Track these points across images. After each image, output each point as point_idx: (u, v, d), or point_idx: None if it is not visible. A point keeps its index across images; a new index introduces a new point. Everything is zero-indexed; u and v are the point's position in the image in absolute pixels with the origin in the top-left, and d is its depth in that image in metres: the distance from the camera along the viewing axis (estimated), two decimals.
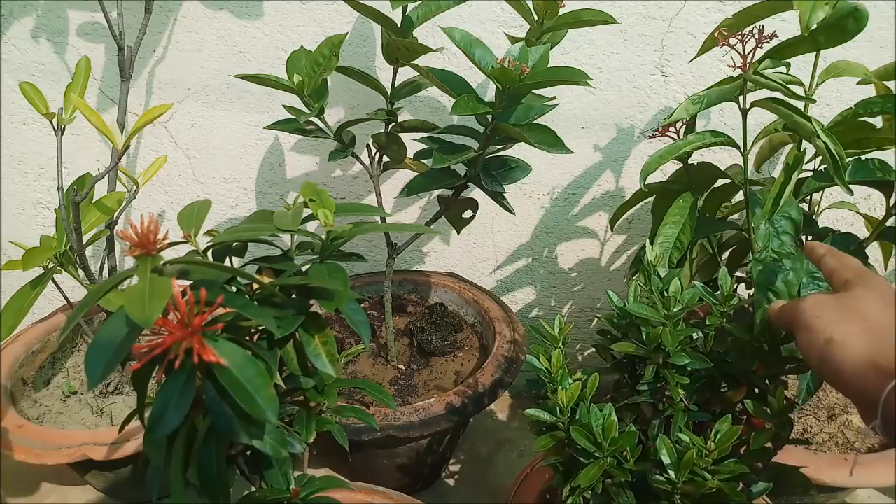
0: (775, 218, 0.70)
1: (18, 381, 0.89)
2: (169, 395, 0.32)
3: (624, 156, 1.01)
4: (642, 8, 0.90)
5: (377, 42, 0.91)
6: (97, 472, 0.85)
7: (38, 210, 1.02)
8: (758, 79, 0.65)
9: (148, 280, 0.31)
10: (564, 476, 0.59)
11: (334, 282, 0.37)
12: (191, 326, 0.32)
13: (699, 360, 0.59)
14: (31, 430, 0.78)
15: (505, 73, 0.64)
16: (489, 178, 0.77)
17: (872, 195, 1.01)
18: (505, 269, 1.13)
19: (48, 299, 1.07)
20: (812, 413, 0.90)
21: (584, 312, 1.17)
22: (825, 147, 0.62)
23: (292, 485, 0.46)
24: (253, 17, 0.89)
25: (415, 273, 1.10)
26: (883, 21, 0.89)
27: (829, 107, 0.95)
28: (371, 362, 0.95)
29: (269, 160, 1.00)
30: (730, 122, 0.97)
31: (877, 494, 0.97)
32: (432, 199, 1.07)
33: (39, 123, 0.95)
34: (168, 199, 1.03)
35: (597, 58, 0.93)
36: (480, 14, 0.90)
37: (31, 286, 0.76)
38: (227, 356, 0.32)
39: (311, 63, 0.71)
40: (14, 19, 0.87)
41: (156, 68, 0.92)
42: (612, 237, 1.09)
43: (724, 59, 0.90)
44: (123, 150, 0.72)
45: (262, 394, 0.32)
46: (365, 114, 0.81)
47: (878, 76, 0.79)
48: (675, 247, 0.75)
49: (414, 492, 0.96)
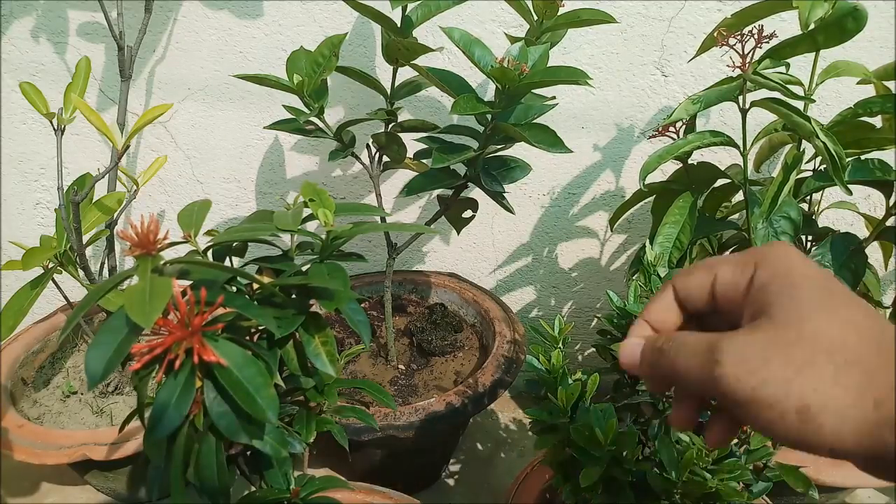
0: (774, 218, 0.70)
1: (18, 381, 0.89)
2: (169, 394, 0.32)
3: (624, 155, 1.01)
4: (642, 8, 0.90)
5: (377, 42, 0.91)
6: (97, 472, 0.85)
7: (38, 210, 1.02)
8: (757, 79, 0.65)
9: (148, 280, 0.31)
10: (564, 476, 0.59)
11: (334, 281, 0.37)
12: (191, 326, 0.32)
13: None
14: (31, 430, 0.78)
15: (504, 72, 0.64)
16: (489, 177, 0.77)
17: (872, 195, 1.01)
18: (505, 268, 1.13)
19: (48, 299, 1.07)
20: None
21: (584, 312, 1.17)
22: (824, 147, 0.62)
23: (292, 485, 0.47)
24: (253, 17, 0.89)
25: (415, 273, 1.10)
26: (883, 21, 0.89)
27: (829, 107, 0.95)
28: (371, 362, 0.95)
29: (269, 160, 1.00)
30: (729, 121, 0.97)
31: (877, 494, 0.97)
32: (432, 199, 1.07)
33: (39, 123, 0.95)
34: (168, 199, 1.03)
35: (597, 58, 0.93)
36: (480, 14, 0.90)
37: (31, 286, 0.76)
38: (227, 356, 0.32)
39: (311, 63, 0.71)
40: (14, 19, 0.87)
41: (156, 68, 0.92)
42: (612, 237, 1.09)
43: (723, 58, 0.90)
44: (123, 150, 0.72)
45: (263, 393, 0.32)
46: (365, 114, 0.81)
47: (878, 76, 0.79)
48: (675, 246, 0.75)
49: (414, 492, 0.96)
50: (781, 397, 0.28)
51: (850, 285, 0.73)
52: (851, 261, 0.74)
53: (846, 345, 0.28)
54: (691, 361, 0.30)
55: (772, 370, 0.28)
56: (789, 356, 0.28)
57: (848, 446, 0.27)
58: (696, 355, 0.30)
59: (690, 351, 0.31)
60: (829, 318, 0.29)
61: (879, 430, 0.26)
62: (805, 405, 0.27)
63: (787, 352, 0.28)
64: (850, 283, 0.73)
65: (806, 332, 0.29)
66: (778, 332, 0.29)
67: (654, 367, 0.32)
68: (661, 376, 0.32)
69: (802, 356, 0.28)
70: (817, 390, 0.27)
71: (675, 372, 0.31)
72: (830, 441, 0.27)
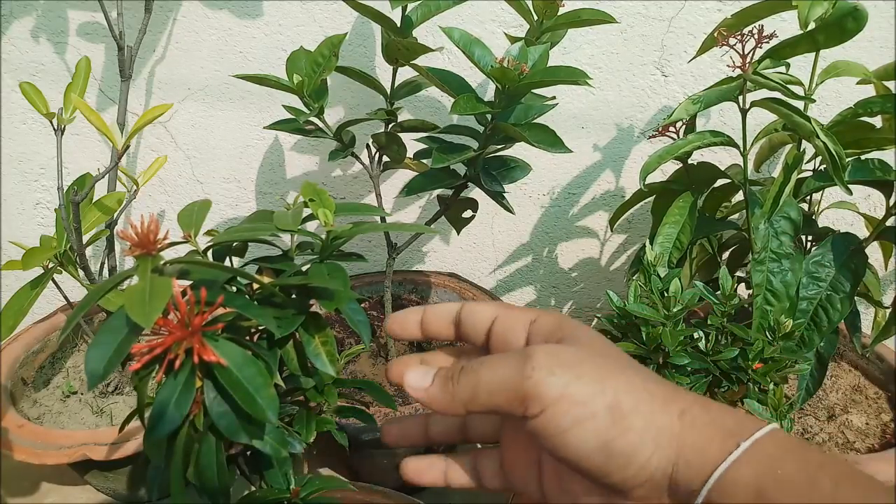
0: (774, 218, 0.70)
1: (18, 381, 0.89)
2: (169, 394, 0.32)
3: (624, 155, 1.01)
4: (642, 8, 0.90)
5: (377, 42, 0.91)
6: (97, 472, 0.85)
7: (38, 210, 1.02)
8: (757, 79, 0.65)
9: (148, 280, 0.31)
10: None
11: (334, 281, 0.37)
12: (191, 326, 0.32)
13: (699, 360, 0.59)
14: (31, 430, 0.78)
15: (504, 72, 0.64)
16: (489, 177, 0.77)
17: (872, 195, 1.01)
18: (505, 269, 1.13)
19: (48, 299, 1.07)
20: (812, 413, 0.90)
21: (584, 312, 1.17)
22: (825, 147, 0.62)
23: (292, 485, 0.47)
24: (253, 17, 0.90)
25: (415, 273, 1.10)
26: (883, 21, 0.89)
27: (829, 107, 0.95)
28: (371, 362, 0.95)
29: (269, 160, 1.00)
30: (730, 121, 0.97)
31: None
32: (432, 199, 1.07)
33: (39, 123, 0.95)
34: (168, 199, 1.03)
35: (597, 58, 0.93)
36: (480, 14, 0.90)
37: (31, 286, 0.76)
38: (227, 356, 0.32)
39: (311, 63, 0.71)
40: (14, 19, 0.87)
41: (156, 68, 0.92)
42: (612, 237, 1.09)
43: (723, 58, 0.90)
44: (123, 150, 0.72)
45: (263, 393, 0.32)
46: (365, 114, 0.81)
47: (878, 76, 0.79)
48: (675, 247, 0.76)
49: (414, 492, 0.96)
50: (595, 393, 0.27)
51: (850, 285, 0.73)
52: (851, 261, 0.74)
53: (646, 369, 0.30)
54: (499, 369, 0.29)
55: (585, 369, 0.28)
56: (601, 363, 0.29)
57: (647, 453, 0.27)
58: (504, 361, 0.30)
59: (497, 360, 0.30)
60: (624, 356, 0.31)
61: (681, 440, 0.27)
62: (617, 402, 0.27)
63: (598, 360, 0.29)
64: (850, 283, 0.73)
65: (611, 351, 0.31)
66: (586, 347, 0.30)
67: (452, 386, 0.31)
68: (458, 396, 0.30)
69: (614, 364, 0.29)
70: (629, 392, 0.28)
71: (479, 382, 0.30)
72: (632, 446, 0.27)
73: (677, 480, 0.27)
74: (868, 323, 1.05)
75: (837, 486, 0.25)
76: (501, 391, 0.29)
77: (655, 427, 0.27)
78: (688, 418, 0.28)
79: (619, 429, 0.27)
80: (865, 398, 0.92)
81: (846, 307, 0.72)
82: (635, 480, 0.28)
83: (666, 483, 0.28)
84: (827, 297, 0.73)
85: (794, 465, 0.26)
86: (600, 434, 0.27)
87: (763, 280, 0.69)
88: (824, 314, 0.73)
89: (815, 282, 0.71)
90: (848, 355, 0.97)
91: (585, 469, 0.28)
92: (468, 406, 0.30)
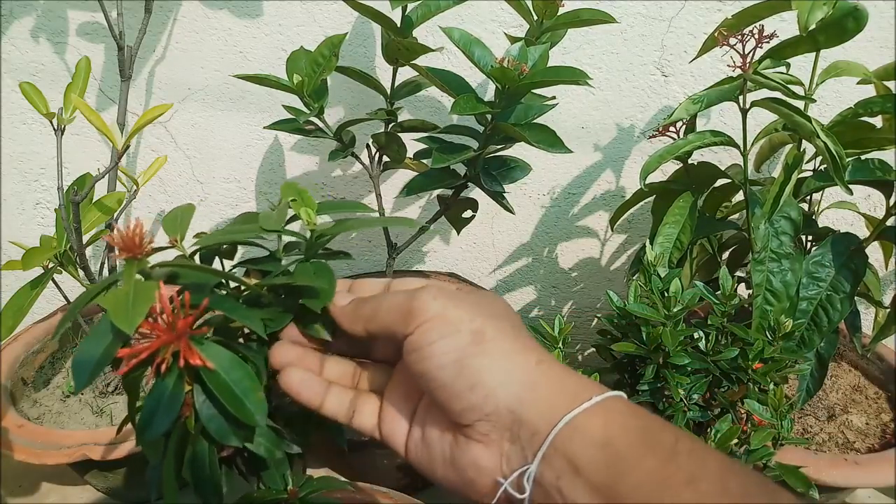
0: (774, 218, 0.70)
1: (18, 381, 0.89)
2: (157, 398, 0.32)
3: (624, 155, 1.01)
4: (642, 8, 0.90)
5: (377, 42, 0.91)
6: (97, 472, 0.85)
7: (38, 210, 1.02)
8: (758, 79, 0.65)
9: (132, 284, 0.31)
10: None
11: (320, 280, 0.36)
12: (176, 330, 0.32)
13: (699, 360, 0.59)
14: (31, 430, 0.78)
15: (504, 72, 0.64)
16: (489, 177, 0.77)
17: (872, 195, 1.01)
18: (505, 269, 1.13)
19: (48, 299, 1.07)
20: (812, 413, 0.90)
21: (584, 312, 1.17)
22: (825, 147, 0.62)
23: (290, 485, 0.46)
24: (253, 17, 0.90)
25: (415, 273, 1.10)
26: (883, 21, 0.89)
27: (829, 107, 0.95)
28: None
29: (269, 160, 1.00)
30: (730, 121, 0.97)
31: (877, 494, 0.97)
32: (432, 199, 1.07)
33: (39, 123, 0.95)
34: (168, 199, 1.03)
35: (597, 58, 0.93)
36: (480, 14, 0.90)
37: (31, 286, 0.76)
38: (214, 359, 0.32)
39: (311, 63, 0.71)
40: (14, 19, 0.88)
41: (156, 68, 0.92)
42: (612, 237, 1.09)
43: (724, 59, 0.90)
44: (123, 150, 0.72)
45: (251, 397, 0.32)
46: (365, 114, 0.81)
47: (878, 76, 0.78)
48: (675, 247, 0.75)
49: (414, 492, 0.96)
50: (465, 319, 0.32)
51: (850, 285, 0.73)
52: (852, 261, 0.74)
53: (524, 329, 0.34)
54: (397, 295, 0.34)
55: (464, 303, 0.32)
56: (483, 303, 0.33)
57: (496, 381, 0.30)
58: (402, 291, 0.34)
59: (397, 290, 0.36)
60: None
61: (533, 383, 0.30)
62: (482, 329, 0.31)
63: (480, 301, 0.34)
64: (850, 283, 0.73)
65: (497, 305, 0.35)
66: (475, 294, 0.35)
67: (356, 310, 0.35)
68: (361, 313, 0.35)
69: (492, 309, 0.33)
70: (496, 329, 0.32)
71: (380, 304, 0.34)
72: (484, 368, 0.30)
73: (521, 420, 0.30)
74: (868, 323, 1.05)
75: (678, 440, 0.28)
76: (394, 311, 0.33)
77: (510, 361, 0.31)
78: (543, 367, 0.31)
79: (475, 349, 0.31)
80: (865, 398, 0.92)
81: (846, 307, 0.72)
82: (481, 410, 0.30)
83: (509, 422, 0.30)
84: (827, 297, 0.73)
85: (641, 422, 0.29)
86: (458, 349, 0.31)
87: (763, 280, 0.69)
88: (824, 314, 0.73)
89: (816, 282, 0.71)
90: (848, 355, 0.97)
91: (440, 383, 0.31)
92: (367, 325, 0.35)
